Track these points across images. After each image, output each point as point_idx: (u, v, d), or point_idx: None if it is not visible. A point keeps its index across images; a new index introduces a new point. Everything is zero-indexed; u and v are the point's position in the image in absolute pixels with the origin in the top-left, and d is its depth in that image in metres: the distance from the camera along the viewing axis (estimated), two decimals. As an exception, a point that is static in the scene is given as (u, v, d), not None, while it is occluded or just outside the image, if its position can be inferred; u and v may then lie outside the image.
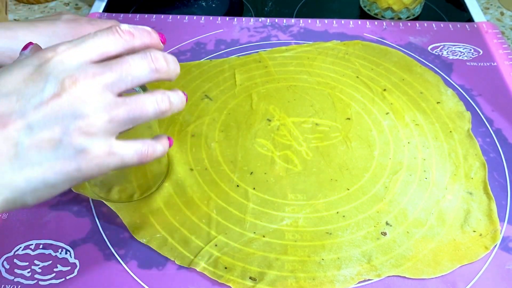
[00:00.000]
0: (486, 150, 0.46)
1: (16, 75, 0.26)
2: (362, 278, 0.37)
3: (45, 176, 0.26)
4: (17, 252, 0.38)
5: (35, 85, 0.26)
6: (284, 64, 0.55)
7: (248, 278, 0.37)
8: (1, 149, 0.25)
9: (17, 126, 0.25)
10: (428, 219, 0.40)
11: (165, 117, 0.30)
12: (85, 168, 0.27)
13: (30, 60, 0.27)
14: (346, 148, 0.46)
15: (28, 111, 0.25)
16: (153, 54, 0.29)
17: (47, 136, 0.26)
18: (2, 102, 0.25)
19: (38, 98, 0.26)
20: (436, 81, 0.53)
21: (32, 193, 0.26)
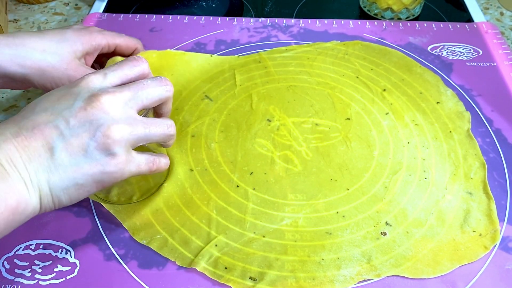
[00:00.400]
0: (486, 150, 0.46)
1: (53, 96, 0.32)
2: (362, 278, 0.37)
3: (75, 176, 0.31)
4: (18, 252, 0.38)
5: (66, 102, 0.32)
6: (284, 65, 0.55)
7: (248, 278, 0.37)
8: (39, 152, 0.30)
9: (52, 134, 0.31)
10: (428, 219, 0.41)
11: (169, 145, 0.38)
12: (109, 171, 0.32)
13: (65, 86, 0.33)
14: (346, 148, 0.46)
15: (60, 122, 0.31)
16: (163, 77, 0.36)
17: (77, 142, 0.31)
18: (41, 115, 0.31)
19: (68, 111, 0.31)
20: (436, 81, 0.53)
21: (65, 192, 0.31)
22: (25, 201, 0.29)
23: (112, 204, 0.41)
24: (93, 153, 0.31)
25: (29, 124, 0.31)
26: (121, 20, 0.62)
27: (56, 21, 0.70)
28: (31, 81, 0.41)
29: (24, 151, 0.30)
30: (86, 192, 0.32)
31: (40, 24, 0.69)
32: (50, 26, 0.69)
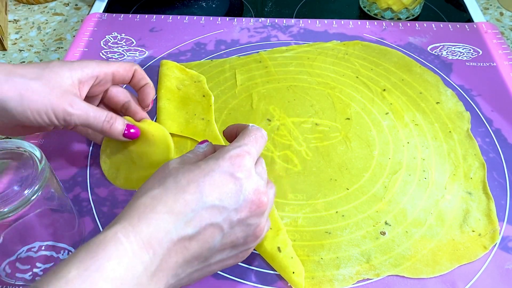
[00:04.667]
0: (486, 150, 0.46)
1: (218, 183, 0.30)
2: (361, 277, 0.37)
3: (214, 269, 0.32)
4: (20, 256, 0.38)
5: (232, 197, 0.30)
6: (284, 64, 0.55)
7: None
8: (199, 252, 0.30)
9: (215, 233, 0.30)
10: (427, 219, 0.41)
11: None
12: (239, 260, 0.33)
13: (225, 166, 0.31)
14: (345, 148, 0.46)
15: (225, 220, 0.30)
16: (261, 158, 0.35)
17: (231, 240, 0.31)
18: (209, 210, 0.29)
19: (235, 212, 0.30)
20: (436, 81, 0.53)
21: (192, 282, 0.32)
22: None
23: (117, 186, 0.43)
24: (238, 249, 0.32)
25: (196, 221, 0.29)
26: (121, 20, 0.62)
27: (56, 21, 0.70)
28: (8, 109, 0.35)
29: (183, 254, 0.29)
30: (210, 274, 0.33)
31: (40, 24, 0.69)
32: (50, 26, 0.69)
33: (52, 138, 0.47)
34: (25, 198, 0.32)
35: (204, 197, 0.29)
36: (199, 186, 0.30)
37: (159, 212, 0.28)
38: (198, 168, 0.31)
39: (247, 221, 0.31)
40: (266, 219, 0.33)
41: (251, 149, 0.32)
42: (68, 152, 0.46)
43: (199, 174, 0.30)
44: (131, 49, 0.57)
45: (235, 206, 0.30)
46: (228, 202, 0.30)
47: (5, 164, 0.35)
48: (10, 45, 0.66)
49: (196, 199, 0.29)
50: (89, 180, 0.44)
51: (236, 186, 0.30)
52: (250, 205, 0.31)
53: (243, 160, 0.31)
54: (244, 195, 0.30)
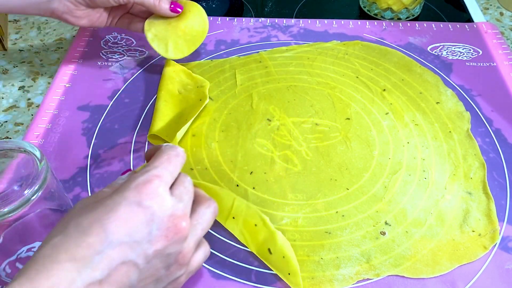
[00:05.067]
0: (486, 150, 0.46)
1: (124, 216, 0.27)
2: (361, 277, 0.37)
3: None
4: (20, 256, 0.38)
5: (142, 228, 0.27)
6: (284, 64, 0.55)
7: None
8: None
9: (129, 270, 0.27)
10: (427, 219, 0.41)
11: None
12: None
13: (131, 196, 0.28)
14: (345, 148, 0.46)
15: (139, 256, 0.27)
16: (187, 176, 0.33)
17: (151, 274, 0.28)
18: (117, 249, 0.27)
19: (148, 243, 0.27)
20: (436, 81, 0.53)
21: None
22: None
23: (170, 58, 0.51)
24: (163, 281, 0.30)
25: (104, 263, 0.26)
26: (122, 20, 0.62)
27: (56, 21, 0.70)
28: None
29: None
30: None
31: (40, 25, 0.70)
32: (50, 26, 0.69)
33: (52, 138, 0.47)
34: (25, 198, 0.32)
35: (110, 235, 0.26)
36: (102, 225, 0.27)
37: (60, 262, 0.25)
38: (102, 205, 0.28)
39: (165, 251, 0.28)
40: (192, 244, 0.30)
41: (162, 171, 0.29)
42: (68, 152, 0.46)
43: (102, 212, 0.27)
44: (131, 49, 0.57)
45: (148, 238, 0.27)
46: (139, 235, 0.27)
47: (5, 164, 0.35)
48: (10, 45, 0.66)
49: (101, 240, 0.26)
50: (89, 180, 0.44)
51: (146, 216, 0.27)
52: (166, 233, 0.28)
53: (151, 185, 0.28)
54: (157, 224, 0.28)
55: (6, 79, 0.58)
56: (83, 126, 0.48)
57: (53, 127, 0.48)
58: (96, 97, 0.51)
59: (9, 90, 0.56)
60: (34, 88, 0.57)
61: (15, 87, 0.57)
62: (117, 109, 0.50)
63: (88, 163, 0.45)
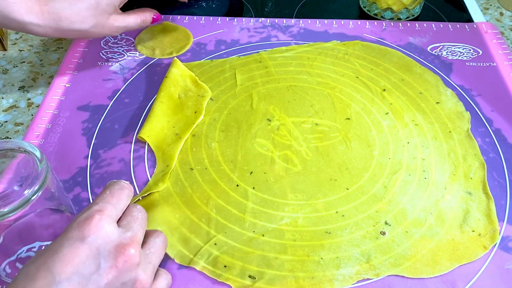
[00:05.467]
0: (486, 150, 0.46)
1: (69, 255, 0.27)
2: (361, 277, 0.37)
3: None
4: (20, 256, 0.38)
5: (90, 262, 0.27)
6: (284, 64, 0.55)
7: (247, 276, 0.37)
8: None
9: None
10: (427, 219, 0.41)
11: None
12: None
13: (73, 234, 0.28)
14: (345, 148, 0.46)
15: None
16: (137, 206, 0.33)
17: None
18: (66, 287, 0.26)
19: (98, 276, 0.27)
20: (436, 81, 0.53)
21: None
22: None
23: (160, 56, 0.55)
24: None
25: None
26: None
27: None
28: None
29: None
30: None
31: (40, 24, 0.69)
32: (51, 26, 0.69)
33: (52, 138, 0.47)
34: (25, 198, 0.32)
35: (57, 276, 0.26)
36: (49, 267, 0.27)
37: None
38: (48, 249, 0.28)
39: (118, 280, 0.28)
40: (149, 272, 0.30)
41: (103, 205, 0.30)
42: (68, 152, 0.46)
43: (48, 255, 0.27)
44: (131, 49, 0.57)
45: (98, 271, 0.27)
46: (87, 270, 0.27)
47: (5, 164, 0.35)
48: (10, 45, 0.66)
49: (48, 283, 0.26)
50: (89, 180, 0.44)
51: (91, 251, 0.28)
52: (115, 262, 0.28)
53: (92, 221, 0.29)
54: (104, 256, 0.28)
55: (6, 79, 0.58)
56: (83, 126, 0.48)
57: (53, 127, 0.48)
58: (96, 97, 0.51)
59: (9, 90, 0.56)
60: (34, 88, 0.57)
61: (15, 87, 0.57)
62: (117, 109, 0.50)
63: (88, 163, 0.45)
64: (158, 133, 0.47)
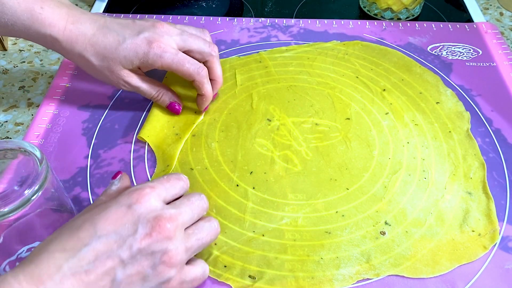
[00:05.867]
0: (486, 150, 0.46)
1: (113, 216, 0.30)
2: (361, 277, 0.37)
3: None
4: (20, 255, 0.38)
5: (128, 226, 0.30)
6: (284, 64, 0.55)
7: (247, 276, 0.37)
8: (101, 285, 0.29)
9: (115, 264, 0.29)
10: (427, 219, 0.41)
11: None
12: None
13: (122, 200, 0.31)
14: (345, 148, 0.46)
15: (124, 251, 0.29)
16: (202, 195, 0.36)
17: (137, 270, 0.30)
18: (103, 242, 0.29)
19: (132, 238, 0.30)
20: (436, 81, 0.53)
21: None
22: None
23: None
24: (151, 281, 0.31)
25: (90, 255, 0.29)
26: (122, 20, 0.62)
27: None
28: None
29: None
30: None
31: (40, 24, 0.69)
32: (51, 26, 0.69)
33: (52, 138, 0.47)
34: (25, 198, 0.32)
35: (99, 231, 0.29)
36: (93, 223, 0.30)
37: (51, 251, 0.28)
38: (96, 207, 0.31)
39: (150, 248, 0.30)
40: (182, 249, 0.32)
41: (156, 184, 0.33)
42: (68, 152, 0.46)
43: (95, 213, 0.31)
44: (131, 49, 0.57)
45: (134, 235, 0.30)
46: (125, 232, 0.30)
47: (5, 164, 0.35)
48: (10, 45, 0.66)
49: (90, 235, 0.29)
50: (89, 180, 0.44)
51: (133, 217, 0.30)
52: (150, 231, 0.30)
53: (142, 192, 0.32)
54: (142, 223, 0.30)
55: (6, 79, 0.58)
56: (83, 126, 0.48)
57: (53, 127, 0.48)
58: (96, 97, 0.51)
59: (9, 90, 0.56)
60: (34, 88, 0.57)
61: (15, 87, 0.57)
62: (117, 109, 0.50)
63: (88, 163, 0.45)
64: (158, 133, 0.47)
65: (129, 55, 0.43)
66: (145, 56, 0.43)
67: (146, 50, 0.43)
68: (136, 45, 0.43)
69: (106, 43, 0.43)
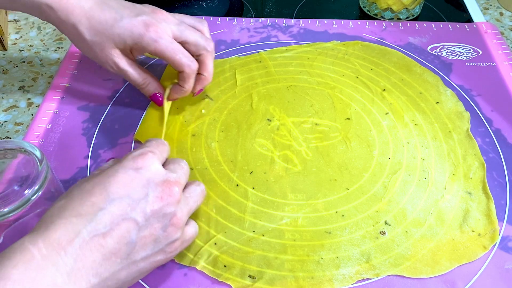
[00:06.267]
0: (485, 150, 0.46)
1: (123, 180, 0.31)
2: (361, 277, 0.37)
3: (142, 267, 0.31)
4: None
5: (140, 190, 0.31)
6: (284, 64, 0.55)
7: (247, 276, 0.37)
8: (118, 247, 0.29)
9: (130, 226, 0.30)
10: (427, 219, 0.41)
11: None
12: (169, 256, 0.33)
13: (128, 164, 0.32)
14: (345, 148, 0.46)
15: (138, 213, 0.30)
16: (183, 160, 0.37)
17: (150, 232, 0.31)
18: (117, 206, 0.30)
19: (145, 202, 0.31)
20: (436, 81, 0.53)
21: (125, 283, 0.31)
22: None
23: None
24: (161, 242, 0.32)
25: (107, 218, 0.29)
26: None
27: (57, 21, 0.70)
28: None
29: (100, 252, 0.28)
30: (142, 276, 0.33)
31: (40, 24, 0.70)
32: (50, 26, 0.69)
33: (52, 138, 0.47)
34: (25, 198, 0.32)
35: (111, 195, 0.30)
36: (104, 187, 0.30)
37: (66, 217, 0.28)
38: (103, 172, 0.32)
39: (161, 211, 0.31)
40: (185, 211, 0.33)
41: (153, 149, 0.34)
42: (68, 152, 0.46)
43: (103, 177, 0.31)
44: (131, 49, 0.57)
45: (146, 198, 0.31)
46: (137, 195, 0.31)
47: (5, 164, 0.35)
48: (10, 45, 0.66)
49: (103, 199, 0.30)
50: (89, 180, 0.44)
51: (142, 181, 0.31)
52: (161, 194, 0.31)
53: (145, 156, 0.33)
54: (153, 187, 0.31)
55: (6, 79, 0.58)
56: (83, 126, 0.48)
57: (53, 127, 0.48)
58: (96, 97, 0.51)
59: (9, 90, 0.56)
60: (34, 88, 0.57)
61: (15, 87, 0.57)
62: (117, 109, 0.50)
63: (88, 163, 0.45)
64: (151, 133, 0.47)
65: (124, 34, 0.42)
66: (140, 37, 0.42)
67: (142, 32, 0.42)
68: (133, 26, 0.42)
69: (102, 18, 0.42)
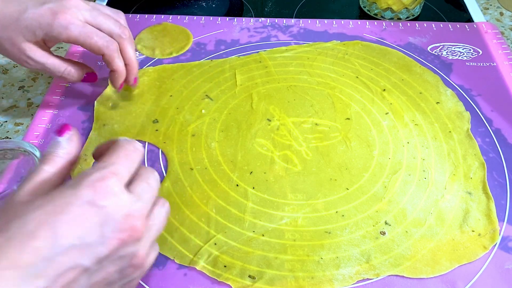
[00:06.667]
0: (486, 150, 0.46)
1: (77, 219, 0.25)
2: (361, 277, 0.37)
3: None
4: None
5: (96, 231, 0.26)
6: (284, 64, 0.55)
7: (247, 276, 0.37)
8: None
9: (78, 277, 0.25)
10: (427, 219, 0.41)
11: None
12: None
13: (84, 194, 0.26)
14: (345, 148, 0.46)
15: (89, 259, 0.25)
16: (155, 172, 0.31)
17: (103, 277, 0.27)
18: (66, 254, 0.25)
19: (101, 246, 0.26)
20: (436, 81, 0.53)
21: None
22: None
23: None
24: (115, 283, 0.28)
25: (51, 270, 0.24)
26: (122, 20, 0.62)
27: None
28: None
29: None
30: None
31: (40, 24, 0.69)
32: (51, 26, 0.69)
33: (52, 138, 0.47)
34: (25, 198, 0.32)
35: (60, 239, 0.24)
36: (52, 227, 0.24)
37: (1, 269, 0.23)
38: (51, 203, 0.25)
39: (118, 253, 0.27)
40: (148, 246, 0.29)
41: (119, 168, 0.28)
42: (68, 152, 0.46)
43: (52, 212, 0.25)
44: (131, 49, 0.57)
45: (101, 240, 0.26)
46: (91, 238, 0.25)
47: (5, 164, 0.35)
48: (10, 45, 0.66)
49: (50, 245, 0.24)
50: (89, 180, 0.43)
51: (99, 217, 0.26)
52: (120, 234, 0.26)
53: (106, 183, 0.27)
54: (111, 225, 0.26)
55: (6, 79, 0.58)
56: (83, 126, 0.48)
57: (53, 127, 0.48)
58: (96, 97, 0.51)
59: (9, 90, 0.56)
60: (34, 88, 0.57)
61: (15, 87, 0.57)
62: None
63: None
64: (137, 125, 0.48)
65: (32, 25, 0.40)
66: (49, 27, 0.40)
67: (50, 21, 0.40)
68: (39, 15, 0.40)
69: (6, 12, 0.40)
